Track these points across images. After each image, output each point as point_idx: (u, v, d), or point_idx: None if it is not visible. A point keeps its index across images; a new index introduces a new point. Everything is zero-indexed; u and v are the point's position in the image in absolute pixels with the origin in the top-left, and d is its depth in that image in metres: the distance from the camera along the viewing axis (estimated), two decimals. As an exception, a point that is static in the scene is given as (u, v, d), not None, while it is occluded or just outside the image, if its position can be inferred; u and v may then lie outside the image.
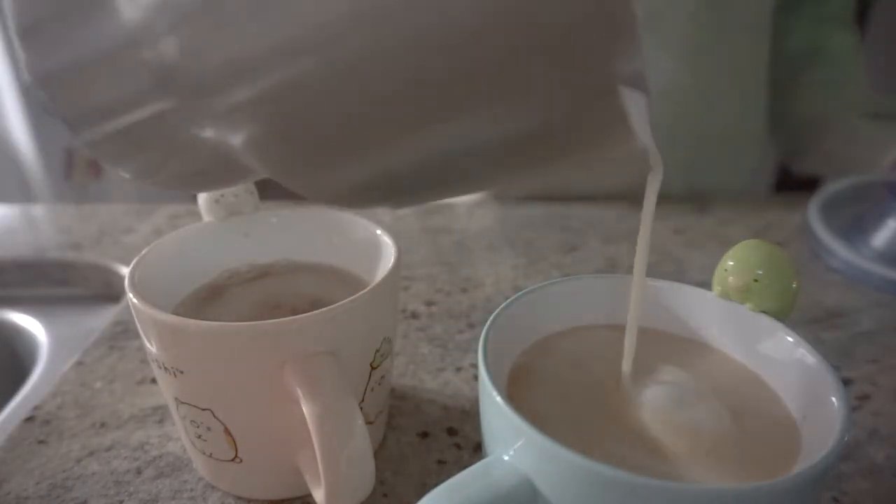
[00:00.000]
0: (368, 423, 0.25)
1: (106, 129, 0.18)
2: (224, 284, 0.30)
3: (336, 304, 0.23)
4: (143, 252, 0.27)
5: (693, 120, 0.59)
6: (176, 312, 0.27)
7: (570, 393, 0.22)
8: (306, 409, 0.21)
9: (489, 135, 0.15)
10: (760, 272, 0.22)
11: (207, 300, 0.29)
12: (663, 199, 0.21)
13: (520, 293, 0.24)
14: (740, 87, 0.61)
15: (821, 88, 0.64)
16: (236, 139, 0.16)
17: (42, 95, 0.18)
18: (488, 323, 0.22)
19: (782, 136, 0.68)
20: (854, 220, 0.50)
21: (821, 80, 0.64)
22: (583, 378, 0.22)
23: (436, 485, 0.18)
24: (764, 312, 0.23)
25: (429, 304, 0.41)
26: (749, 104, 0.63)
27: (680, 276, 0.45)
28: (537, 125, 0.15)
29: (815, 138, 0.64)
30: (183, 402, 0.24)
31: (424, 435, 0.30)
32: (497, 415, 0.19)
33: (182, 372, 0.23)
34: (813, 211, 0.51)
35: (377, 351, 0.26)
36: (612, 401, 0.21)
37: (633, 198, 0.58)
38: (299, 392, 0.21)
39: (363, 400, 0.26)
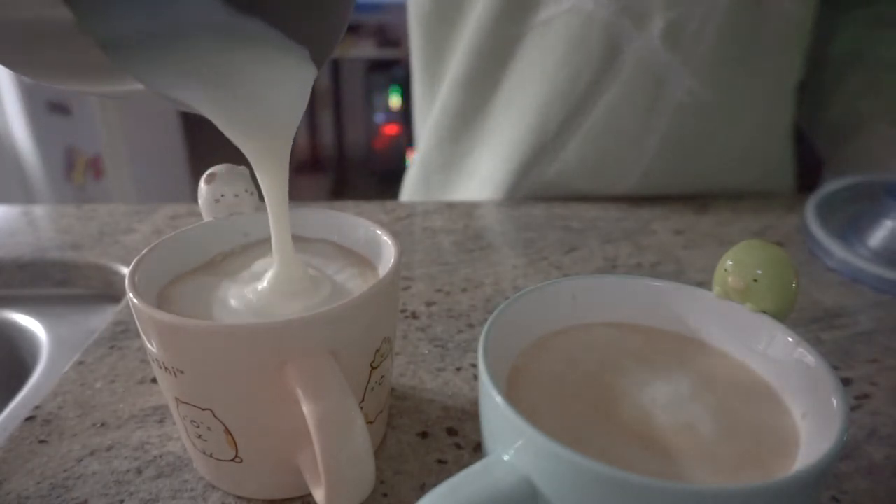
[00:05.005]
0: (368, 423, 0.25)
1: None
2: (218, 261, 0.30)
3: (336, 305, 0.23)
4: (143, 252, 0.27)
5: (713, 134, 0.56)
6: (169, 286, 0.27)
7: (570, 393, 0.22)
8: (306, 409, 0.21)
9: None
10: (760, 272, 0.22)
11: (200, 270, 0.29)
12: (665, 198, 0.21)
13: (519, 293, 0.24)
14: (766, 102, 0.58)
15: (861, 92, 0.62)
16: None
17: None
18: (488, 323, 0.22)
19: (816, 141, 0.66)
20: (851, 220, 0.50)
21: (862, 84, 0.62)
22: (583, 378, 0.22)
23: (436, 485, 0.18)
24: (764, 312, 0.23)
25: (429, 304, 0.41)
26: (774, 118, 0.60)
27: (680, 276, 0.45)
28: None
29: (845, 142, 0.62)
30: (183, 402, 0.24)
31: (424, 435, 0.30)
32: (497, 415, 0.19)
33: (182, 372, 0.23)
34: (810, 211, 0.51)
35: (377, 351, 0.26)
36: (612, 401, 0.21)
37: (633, 198, 0.58)
38: (299, 392, 0.21)
39: (363, 400, 0.26)
